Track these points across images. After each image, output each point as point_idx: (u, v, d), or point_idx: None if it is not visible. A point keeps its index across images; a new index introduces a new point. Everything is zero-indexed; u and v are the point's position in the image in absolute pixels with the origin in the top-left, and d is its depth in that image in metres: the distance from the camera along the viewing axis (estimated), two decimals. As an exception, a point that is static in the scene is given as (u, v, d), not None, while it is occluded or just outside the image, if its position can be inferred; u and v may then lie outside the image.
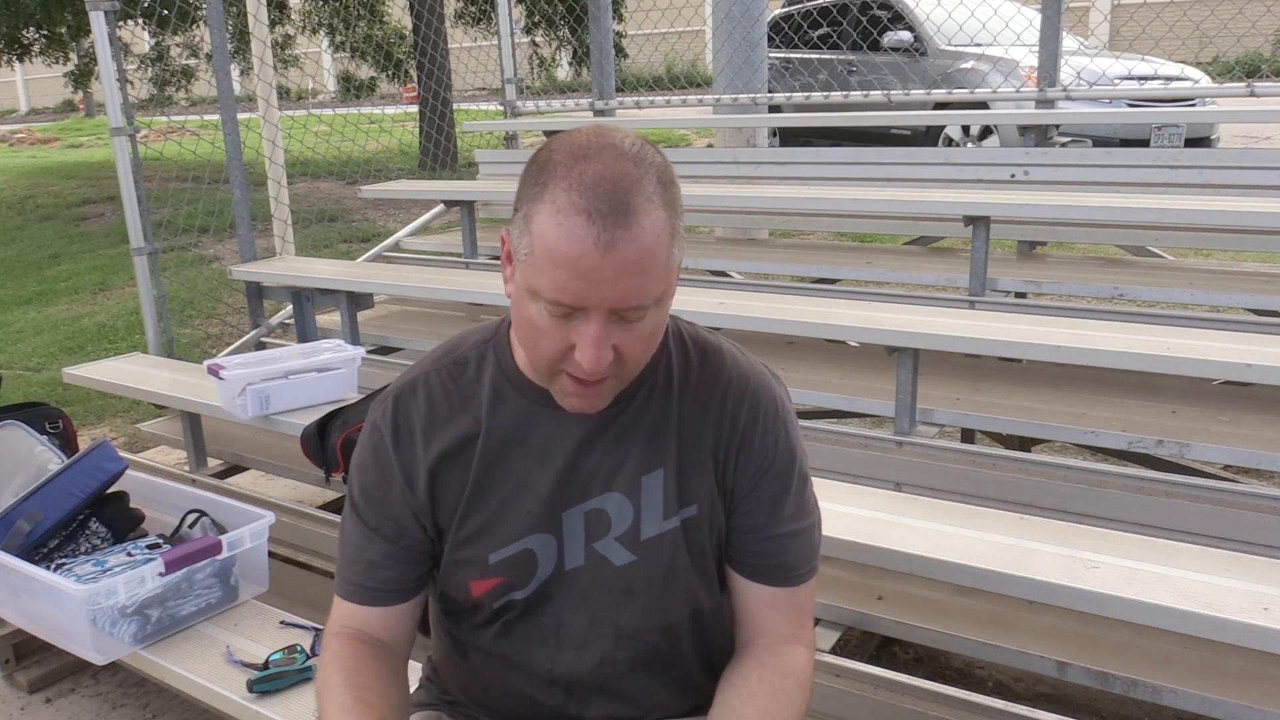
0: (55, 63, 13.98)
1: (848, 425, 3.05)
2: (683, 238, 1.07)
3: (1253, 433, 2.42)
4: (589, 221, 0.97)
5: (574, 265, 0.97)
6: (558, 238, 0.97)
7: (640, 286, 1.00)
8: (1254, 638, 1.53)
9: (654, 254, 1.00)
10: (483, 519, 1.16)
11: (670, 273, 1.04)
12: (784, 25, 7.72)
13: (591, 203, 0.97)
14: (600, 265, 0.97)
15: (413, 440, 1.17)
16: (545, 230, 0.99)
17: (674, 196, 1.04)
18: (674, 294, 1.08)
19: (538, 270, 1.00)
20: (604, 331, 1.01)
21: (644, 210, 0.99)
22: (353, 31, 12.61)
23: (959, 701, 1.82)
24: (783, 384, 1.23)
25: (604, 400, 1.10)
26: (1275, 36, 9.08)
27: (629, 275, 0.98)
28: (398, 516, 1.18)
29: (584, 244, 0.97)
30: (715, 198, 4.05)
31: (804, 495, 1.21)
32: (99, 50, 3.64)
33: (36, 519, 2.22)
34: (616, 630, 1.19)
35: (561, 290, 0.99)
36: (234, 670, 2.01)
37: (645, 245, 0.99)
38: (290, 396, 2.77)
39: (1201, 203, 3.07)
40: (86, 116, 25.20)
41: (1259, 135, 8.08)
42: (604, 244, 0.97)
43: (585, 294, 0.98)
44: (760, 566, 1.20)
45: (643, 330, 1.04)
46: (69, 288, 7.14)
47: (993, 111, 4.82)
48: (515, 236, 1.04)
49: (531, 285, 1.01)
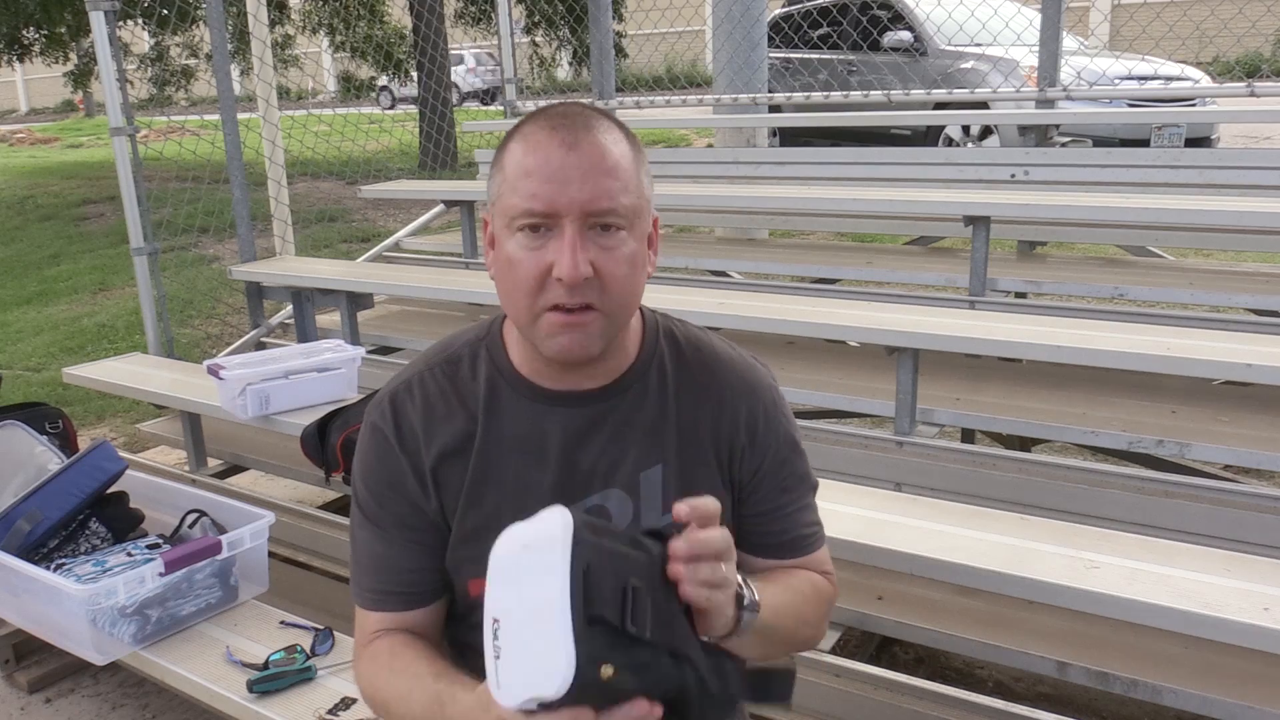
0: (55, 63, 13.98)
1: (848, 425, 3.05)
2: (650, 177, 1.12)
3: (1253, 433, 2.42)
4: (552, 131, 1.04)
5: (541, 168, 1.02)
6: (524, 152, 1.04)
7: (608, 188, 1.03)
8: (1254, 638, 1.53)
9: (618, 159, 1.05)
10: (481, 517, 1.16)
11: (641, 195, 1.08)
12: (784, 25, 7.72)
13: (553, 120, 1.05)
14: (566, 163, 1.02)
15: (415, 439, 1.17)
16: (513, 155, 1.06)
17: (637, 141, 1.10)
18: (651, 235, 1.12)
19: (510, 191, 1.05)
20: (579, 239, 1.02)
21: (605, 125, 1.06)
22: (353, 31, 12.61)
23: (959, 701, 1.82)
24: (768, 368, 1.26)
25: (591, 339, 1.07)
26: (1275, 36, 9.08)
27: (595, 174, 1.02)
28: (412, 512, 1.17)
29: (548, 147, 1.03)
30: (715, 198, 4.05)
31: (805, 469, 1.25)
32: (99, 50, 3.64)
33: (36, 519, 2.22)
34: None
35: (533, 197, 1.02)
36: (234, 670, 2.01)
37: (607, 147, 1.04)
38: (290, 396, 2.77)
39: (1201, 203, 3.07)
40: (86, 116, 25.21)
41: (1259, 135, 8.08)
42: (567, 144, 1.03)
43: (556, 196, 1.02)
44: (775, 545, 1.23)
45: (621, 254, 1.05)
46: (69, 288, 7.14)
47: (993, 111, 4.82)
48: (489, 196, 1.10)
49: (506, 212, 1.05)
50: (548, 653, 0.75)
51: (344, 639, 2.09)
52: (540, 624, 0.77)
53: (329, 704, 1.88)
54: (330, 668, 1.99)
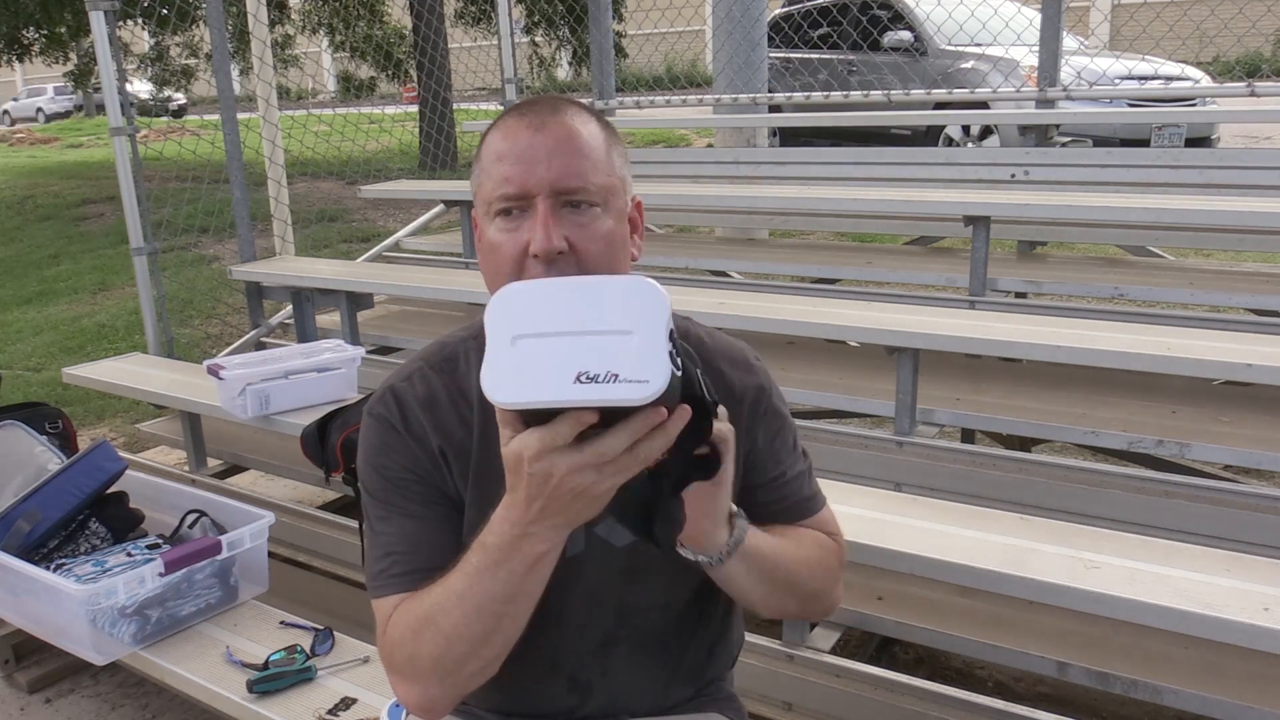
0: (55, 63, 13.98)
1: (848, 425, 3.05)
2: (626, 156, 1.15)
3: (1253, 433, 2.42)
4: (520, 117, 1.09)
5: (511, 151, 1.07)
6: (498, 139, 1.09)
7: (577, 167, 1.06)
8: (1254, 638, 1.53)
9: (586, 140, 1.08)
10: (481, 511, 1.16)
11: (613, 175, 1.10)
12: (784, 25, 7.72)
13: (523, 109, 1.10)
14: (534, 143, 1.06)
15: (420, 426, 1.16)
16: (490, 146, 1.10)
17: (610, 127, 1.14)
18: (627, 210, 1.14)
19: (486, 177, 1.09)
20: (551, 216, 1.05)
21: (574, 110, 1.10)
22: (353, 31, 12.61)
23: (959, 701, 1.82)
24: (750, 346, 1.29)
25: None
26: (1275, 36, 9.08)
27: (563, 154, 1.06)
28: (432, 490, 1.15)
29: (518, 131, 1.08)
30: (715, 198, 4.05)
31: (797, 439, 1.28)
32: (99, 50, 3.64)
33: (36, 519, 2.22)
34: (617, 609, 1.20)
35: (506, 181, 1.06)
36: (234, 670, 2.01)
37: (575, 129, 1.08)
38: (290, 396, 2.77)
39: (1201, 203, 3.07)
40: (86, 116, 25.20)
41: (1259, 135, 8.08)
42: (534, 126, 1.07)
43: (526, 176, 1.05)
44: (779, 510, 1.25)
45: (595, 229, 1.07)
46: (69, 288, 7.14)
47: (993, 111, 4.82)
48: (472, 189, 1.14)
49: (484, 199, 1.09)
50: (641, 358, 0.80)
51: (344, 639, 2.09)
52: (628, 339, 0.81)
53: (329, 704, 1.88)
54: (330, 668, 1.99)
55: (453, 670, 1.04)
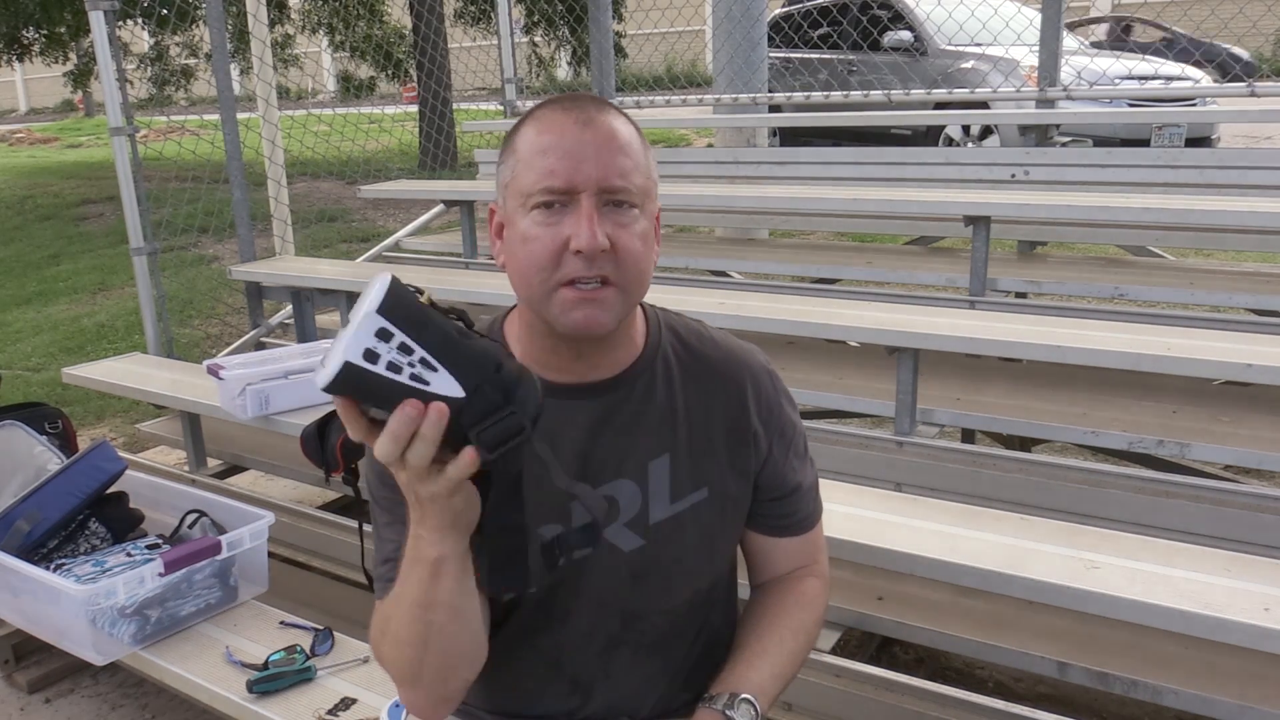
0: (55, 62, 13.98)
1: (848, 425, 3.05)
2: (655, 166, 1.14)
3: (1253, 433, 2.42)
4: (564, 111, 1.07)
5: (557, 145, 1.05)
6: (539, 131, 1.07)
7: (622, 166, 1.06)
8: (1254, 638, 1.53)
9: (629, 140, 1.08)
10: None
11: (649, 178, 1.10)
12: (784, 25, 7.72)
13: (565, 103, 1.09)
14: (581, 139, 1.05)
15: None
16: (526, 136, 1.08)
17: (641, 133, 1.13)
18: (657, 217, 1.14)
19: (526, 169, 1.06)
20: (596, 212, 1.04)
21: (614, 111, 1.10)
22: (352, 31, 12.60)
23: (959, 702, 1.82)
24: (759, 349, 1.29)
25: (607, 312, 1.07)
26: (1275, 36, 9.07)
27: (609, 151, 1.05)
28: None
29: (564, 125, 1.06)
30: (715, 198, 4.04)
31: (805, 446, 1.28)
32: (98, 50, 3.64)
33: (36, 519, 2.22)
34: (622, 613, 1.20)
35: (551, 174, 1.04)
36: (234, 670, 2.01)
37: (619, 127, 1.08)
38: (290, 396, 2.77)
39: (1201, 203, 3.07)
40: (86, 116, 25.19)
41: (1259, 135, 8.07)
42: (581, 122, 1.06)
43: (573, 172, 1.04)
44: (781, 524, 1.26)
45: (635, 229, 1.07)
46: (69, 288, 7.14)
47: (993, 111, 4.82)
48: (499, 182, 1.12)
49: (521, 190, 1.07)
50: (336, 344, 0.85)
51: (344, 639, 2.09)
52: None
53: (329, 704, 1.88)
54: (330, 668, 1.99)
55: (412, 675, 1.06)
